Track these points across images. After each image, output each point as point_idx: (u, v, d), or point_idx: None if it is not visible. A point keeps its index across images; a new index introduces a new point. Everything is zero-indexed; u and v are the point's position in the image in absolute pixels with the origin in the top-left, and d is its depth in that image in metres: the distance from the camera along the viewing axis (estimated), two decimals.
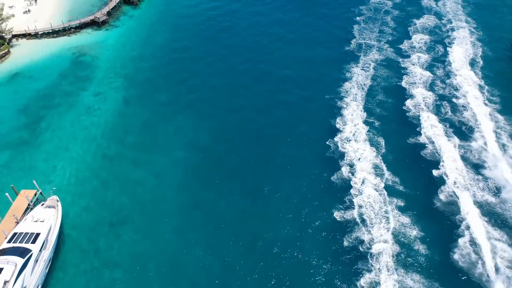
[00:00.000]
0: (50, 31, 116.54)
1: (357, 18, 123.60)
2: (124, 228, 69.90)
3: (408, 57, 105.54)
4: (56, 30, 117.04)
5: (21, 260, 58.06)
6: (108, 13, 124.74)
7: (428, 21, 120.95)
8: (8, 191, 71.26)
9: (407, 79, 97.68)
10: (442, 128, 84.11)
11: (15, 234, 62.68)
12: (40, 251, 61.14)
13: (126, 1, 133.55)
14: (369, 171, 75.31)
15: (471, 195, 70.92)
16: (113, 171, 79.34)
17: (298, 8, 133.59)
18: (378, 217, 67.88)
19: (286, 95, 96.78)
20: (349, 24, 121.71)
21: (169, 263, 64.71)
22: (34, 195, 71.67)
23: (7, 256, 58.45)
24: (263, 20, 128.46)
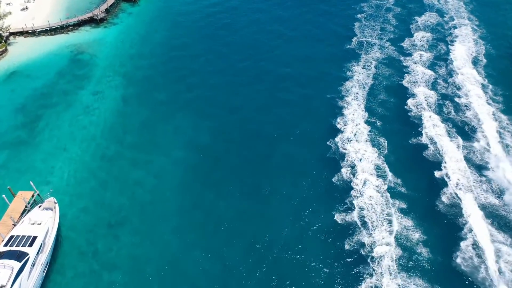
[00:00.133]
0: (48, 28, 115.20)
1: (358, 16, 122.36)
2: (123, 229, 69.02)
3: (410, 55, 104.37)
4: (54, 27, 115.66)
5: (17, 264, 57.22)
6: (107, 10, 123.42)
7: (430, 18, 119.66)
8: (5, 192, 70.22)
9: (409, 78, 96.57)
10: (445, 128, 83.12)
11: (11, 237, 61.74)
12: (37, 254, 60.27)
13: None
14: (370, 172, 74.38)
15: (474, 197, 70.05)
16: (112, 171, 78.36)
17: (298, 5, 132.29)
18: (379, 219, 66.99)
19: (286, 93, 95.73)
20: (350, 21, 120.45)
21: (168, 265, 63.92)
22: (32, 197, 70.72)
23: (3, 260, 57.60)
24: (263, 17, 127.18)
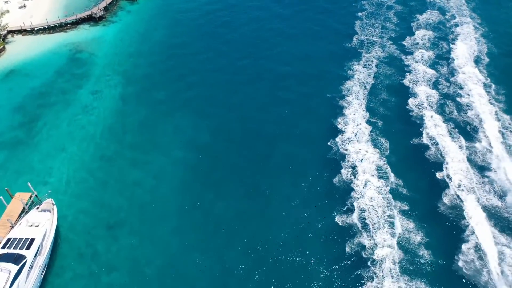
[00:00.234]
0: (46, 27, 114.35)
1: (359, 14, 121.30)
2: (122, 230, 68.55)
3: (411, 54, 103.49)
4: (52, 26, 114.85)
5: (15, 267, 56.76)
6: (105, 8, 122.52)
7: (431, 16, 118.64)
8: (3, 194, 69.71)
9: (410, 77, 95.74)
10: (446, 128, 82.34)
11: (9, 239, 61.25)
12: (35, 257, 59.79)
13: None
14: (371, 173, 73.65)
15: (476, 198, 69.36)
16: (111, 171, 77.82)
17: (298, 3, 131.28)
18: (381, 221, 66.31)
19: (286, 92, 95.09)
20: (350, 19, 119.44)
21: (168, 266, 63.46)
22: (29, 198, 70.26)
23: (0, 263, 57.10)
24: (262, 14, 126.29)
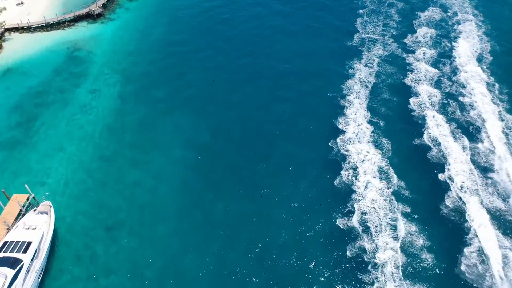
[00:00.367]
0: (44, 24, 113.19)
1: (360, 11, 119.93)
2: (121, 232, 67.88)
3: (413, 52, 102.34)
4: (50, 23, 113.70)
5: (11, 272, 56.08)
6: (104, 5, 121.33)
7: (433, 14, 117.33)
8: None
9: (412, 76, 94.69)
10: (449, 128, 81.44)
11: (5, 243, 60.48)
12: (31, 260, 59.09)
13: None
14: (373, 175, 72.79)
15: (480, 200, 68.55)
16: (109, 172, 77.03)
17: None
18: (383, 224, 65.53)
19: (287, 91, 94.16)
20: (351, 17, 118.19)
21: (167, 269, 62.87)
22: (27, 200, 69.36)
23: None
24: (263, 11, 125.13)
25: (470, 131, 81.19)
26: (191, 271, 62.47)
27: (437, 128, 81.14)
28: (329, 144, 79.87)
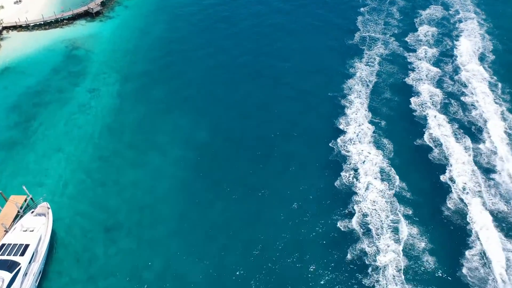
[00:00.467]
0: (42, 22, 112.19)
1: (361, 9, 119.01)
2: (120, 233, 67.20)
3: (415, 51, 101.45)
4: (48, 21, 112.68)
5: (8, 275, 55.49)
6: (102, 3, 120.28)
7: (435, 12, 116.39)
8: None
9: (413, 75, 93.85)
10: (451, 128, 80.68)
11: (3, 245, 59.84)
12: (29, 263, 58.44)
13: None
14: (374, 176, 72.07)
15: (482, 202, 67.83)
16: (108, 172, 76.27)
17: None
18: (384, 226, 64.80)
19: (287, 90, 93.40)
20: (352, 15, 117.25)
21: (166, 271, 62.26)
22: (24, 201, 68.66)
23: None
24: (263, 9, 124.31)
25: (472, 132, 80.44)
26: (190, 273, 61.87)
27: (438, 128, 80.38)
28: (329, 144, 79.13)
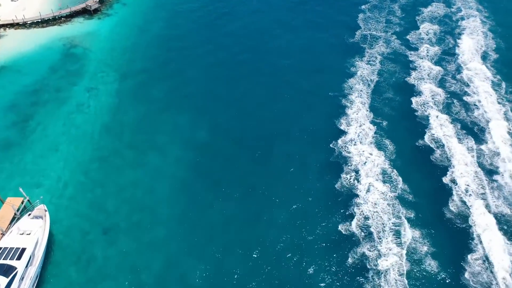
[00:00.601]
0: (39, 20, 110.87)
1: (362, 7, 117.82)
2: (119, 235, 66.41)
3: (416, 49, 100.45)
4: (46, 19, 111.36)
5: (5, 280, 54.71)
6: (100, 0, 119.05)
7: (437, 9, 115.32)
8: None
9: (415, 74, 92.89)
10: (453, 129, 79.82)
11: None
12: (26, 267, 57.64)
13: None
14: (375, 177, 71.21)
15: (484, 204, 67.03)
16: (107, 173, 75.39)
17: None
18: (386, 229, 63.99)
19: (287, 89, 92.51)
20: (353, 12, 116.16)
21: (165, 272, 61.66)
22: (21, 203, 67.70)
23: None
24: (263, 6, 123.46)
25: (474, 132, 79.64)
26: (189, 274, 61.26)
27: (440, 128, 79.48)
28: (330, 145, 78.33)
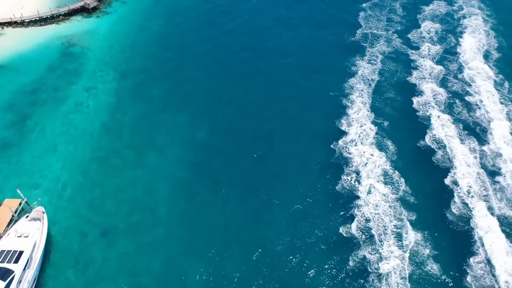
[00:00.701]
0: (38, 18, 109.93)
1: (363, 5, 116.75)
2: (118, 236, 65.87)
3: (418, 48, 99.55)
4: (44, 17, 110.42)
5: (2, 284, 54.29)
6: None
7: (438, 7, 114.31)
8: None
9: (416, 74, 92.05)
10: (455, 129, 79.08)
11: None
12: (23, 270, 57.11)
13: None
14: (377, 179, 70.49)
15: (487, 206, 66.35)
16: (106, 173, 74.75)
17: None
18: (387, 232, 63.31)
19: (288, 89, 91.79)
20: (354, 10, 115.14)
21: (165, 274, 61.15)
22: (19, 205, 67.01)
23: None
24: (263, 3, 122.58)
25: (476, 132, 78.93)
26: (189, 276, 60.75)
27: (442, 129, 78.73)
28: (331, 146, 77.60)
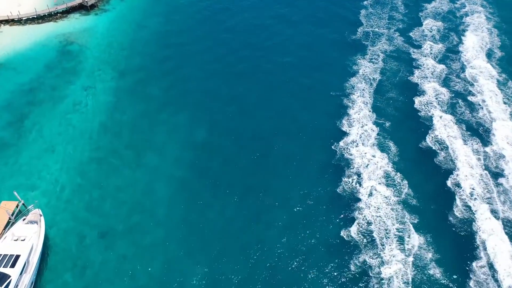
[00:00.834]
0: (35, 16, 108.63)
1: (364, 2, 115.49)
2: (116, 238, 65.26)
3: (420, 47, 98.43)
4: (41, 15, 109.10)
5: None
6: None
7: (440, 5, 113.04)
8: None
9: (418, 73, 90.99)
10: (457, 130, 78.21)
11: None
12: (20, 275, 56.41)
13: None
14: (378, 181, 69.66)
15: (490, 209, 65.58)
16: (105, 174, 74.00)
17: None
18: (389, 235, 62.56)
19: (288, 88, 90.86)
20: (355, 8, 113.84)
21: (164, 276, 60.60)
22: (16, 207, 66.27)
23: None
24: (263, 1, 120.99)
25: (479, 133, 78.09)
26: (188, 278, 60.27)
27: (445, 129, 77.84)
28: (331, 147, 76.78)
